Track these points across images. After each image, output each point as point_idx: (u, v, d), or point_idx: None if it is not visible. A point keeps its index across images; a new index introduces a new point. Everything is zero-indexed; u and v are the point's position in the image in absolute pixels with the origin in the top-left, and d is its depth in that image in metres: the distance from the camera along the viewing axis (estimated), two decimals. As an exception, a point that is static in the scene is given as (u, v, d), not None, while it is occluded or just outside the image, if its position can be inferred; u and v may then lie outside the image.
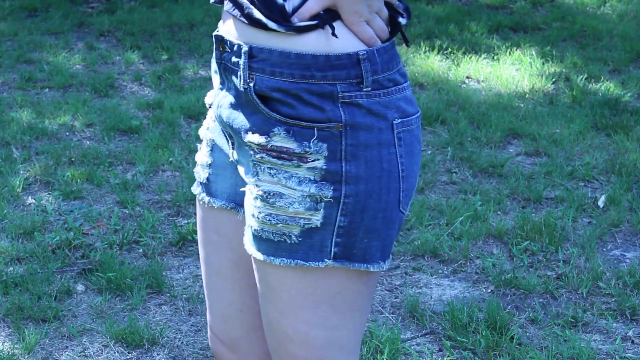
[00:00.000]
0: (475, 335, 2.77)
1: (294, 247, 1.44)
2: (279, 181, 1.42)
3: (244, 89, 1.41)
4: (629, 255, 3.28)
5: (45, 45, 5.83)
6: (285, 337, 1.51)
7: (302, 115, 1.39)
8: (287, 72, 1.38)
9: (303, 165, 1.40)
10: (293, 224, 1.42)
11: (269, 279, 1.48)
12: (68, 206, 3.63)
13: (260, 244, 1.46)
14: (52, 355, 2.72)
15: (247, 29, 1.40)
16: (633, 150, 4.13)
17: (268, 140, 1.41)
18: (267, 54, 1.38)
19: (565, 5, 6.86)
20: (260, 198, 1.43)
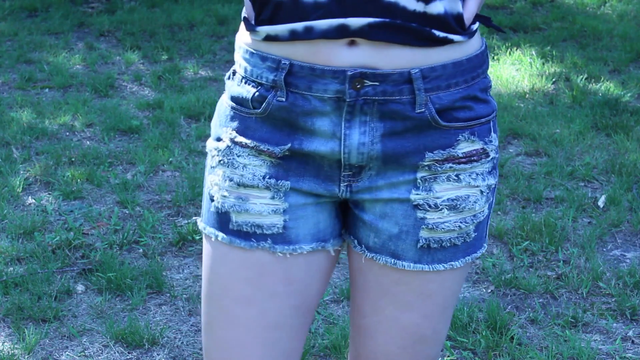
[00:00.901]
0: (475, 335, 2.77)
1: (470, 243, 1.47)
2: (466, 185, 1.43)
3: (420, 113, 1.36)
4: (629, 255, 3.28)
5: (45, 45, 5.83)
6: (422, 339, 1.53)
7: (479, 113, 1.41)
8: (462, 79, 1.38)
9: (485, 161, 1.44)
10: (475, 220, 1.46)
11: (427, 287, 1.48)
12: (68, 206, 3.63)
13: (431, 255, 1.45)
14: (52, 355, 2.72)
15: (415, 52, 1.33)
16: (633, 150, 4.13)
17: (455, 151, 1.40)
18: (441, 70, 1.35)
19: (565, 5, 6.86)
20: (446, 208, 1.42)
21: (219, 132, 1.46)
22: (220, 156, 1.44)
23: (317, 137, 1.38)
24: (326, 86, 1.34)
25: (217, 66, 5.60)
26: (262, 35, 1.37)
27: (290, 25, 1.33)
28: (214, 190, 1.46)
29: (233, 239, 1.45)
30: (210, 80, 5.31)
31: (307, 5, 1.31)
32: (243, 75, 1.41)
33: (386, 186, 1.42)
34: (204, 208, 1.50)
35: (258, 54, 1.38)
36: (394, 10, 1.30)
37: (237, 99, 1.42)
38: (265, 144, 1.41)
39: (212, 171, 1.47)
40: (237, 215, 1.44)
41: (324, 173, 1.42)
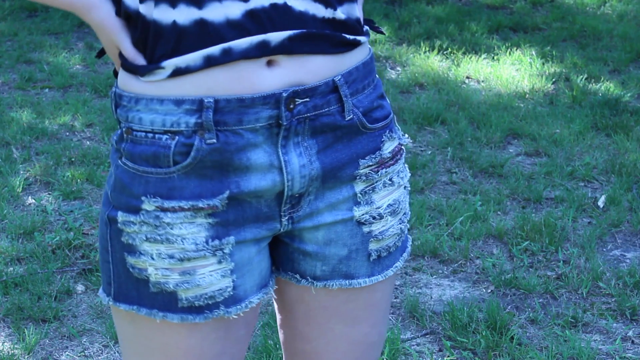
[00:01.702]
0: (475, 335, 2.77)
1: (404, 240, 1.47)
2: (398, 186, 1.42)
3: (349, 120, 1.32)
4: (629, 255, 3.28)
5: (45, 45, 5.83)
6: (370, 346, 1.52)
7: (388, 110, 1.40)
8: (370, 79, 1.36)
9: (403, 156, 1.43)
10: (406, 218, 1.46)
11: (374, 296, 1.46)
12: (68, 206, 3.63)
13: (380, 264, 1.43)
14: (52, 355, 2.72)
15: (333, 59, 1.30)
16: (633, 150, 4.13)
17: (383, 152, 1.38)
18: (355, 73, 1.33)
19: (565, 5, 6.86)
20: (389, 214, 1.40)
21: (130, 202, 1.29)
22: (145, 232, 1.28)
23: (253, 174, 1.28)
24: (257, 115, 1.25)
25: (217, 66, 5.59)
26: (168, 71, 1.23)
27: (203, 52, 1.21)
28: (149, 270, 1.30)
29: (185, 317, 1.32)
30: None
31: (219, 27, 1.21)
32: (148, 130, 1.25)
33: (327, 209, 1.35)
34: (123, 285, 1.34)
35: (169, 100, 1.23)
36: (306, 20, 1.25)
37: (148, 159, 1.26)
38: (202, 200, 1.27)
39: (131, 248, 1.30)
40: (185, 292, 1.30)
41: (264, 214, 1.32)
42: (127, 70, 1.27)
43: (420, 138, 4.36)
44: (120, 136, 1.30)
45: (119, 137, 1.30)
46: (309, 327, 1.47)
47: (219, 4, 1.21)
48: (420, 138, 4.36)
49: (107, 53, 1.31)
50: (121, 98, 1.28)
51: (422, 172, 3.93)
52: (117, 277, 1.34)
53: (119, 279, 1.34)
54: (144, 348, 1.38)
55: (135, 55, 1.25)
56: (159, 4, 1.21)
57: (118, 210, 1.30)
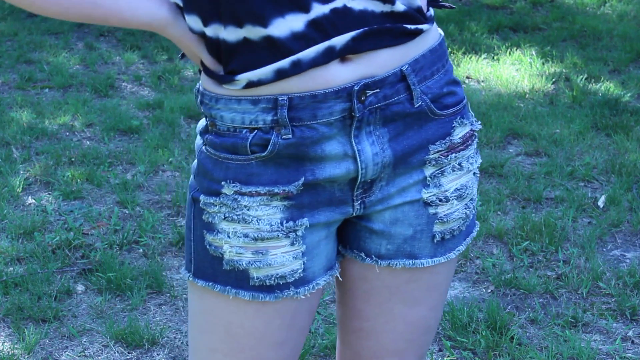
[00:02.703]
0: (475, 335, 2.77)
1: (469, 225, 1.51)
2: (466, 171, 1.46)
3: (418, 106, 1.36)
4: (629, 255, 3.28)
5: (45, 45, 5.83)
6: (427, 330, 1.55)
7: (461, 96, 1.44)
8: (440, 64, 1.40)
9: (475, 142, 1.47)
10: (473, 203, 1.50)
11: (435, 278, 1.50)
12: (68, 206, 3.63)
13: (444, 246, 1.47)
14: (52, 355, 2.72)
15: (399, 50, 1.34)
16: (633, 150, 4.13)
17: (453, 137, 1.42)
18: (422, 60, 1.36)
19: (565, 5, 6.86)
20: (456, 198, 1.44)
21: (211, 186, 1.37)
22: (224, 212, 1.36)
23: (328, 163, 1.35)
24: (331, 109, 1.31)
25: (217, 66, 5.59)
26: (242, 83, 1.31)
27: (274, 66, 1.28)
28: (224, 248, 1.37)
29: (256, 295, 1.39)
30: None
31: (285, 41, 1.27)
32: (230, 126, 1.34)
33: (397, 192, 1.41)
34: (201, 262, 1.41)
35: (246, 99, 1.32)
36: (367, 18, 1.30)
37: (228, 148, 1.35)
38: (278, 186, 1.34)
39: (210, 227, 1.38)
40: (257, 271, 1.37)
41: (337, 198, 1.38)
42: (209, 75, 1.35)
43: (420, 138, 4.36)
44: (205, 128, 1.39)
45: (204, 128, 1.39)
46: (369, 305, 1.52)
47: (282, 19, 1.26)
48: (420, 138, 4.36)
49: (189, 57, 1.40)
50: (203, 96, 1.37)
51: (422, 172, 3.93)
52: (196, 254, 1.42)
53: (198, 256, 1.41)
54: (208, 325, 1.44)
55: (215, 66, 1.34)
56: (228, 26, 1.28)
57: (201, 193, 1.39)
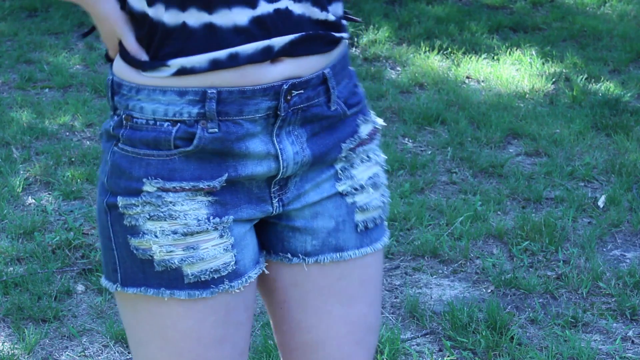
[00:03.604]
0: (475, 335, 2.77)
1: (384, 218, 1.52)
2: (374, 162, 1.49)
3: (334, 110, 1.39)
4: (629, 255, 3.28)
5: (45, 45, 5.83)
6: (370, 329, 1.54)
7: (362, 96, 1.48)
8: (348, 70, 1.44)
9: (378, 137, 1.52)
10: (386, 193, 1.52)
11: (366, 272, 1.50)
12: (68, 206, 3.63)
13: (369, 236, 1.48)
14: (52, 355, 2.72)
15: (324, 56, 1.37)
16: (633, 150, 4.13)
17: (360, 134, 1.45)
18: (338, 65, 1.40)
19: (565, 5, 6.86)
20: (370, 186, 1.46)
21: (130, 186, 1.33)
22: (148, 212, 1.32)
23: (250, 160, 1.34)
24: (257, 106, 1.31)
25: (217, 66, 5.59)
26: (173, 69, 1.28)
27: (210, 55, 1.26)
28: (153, 249, 1.33)
29: (192, 292, 1.35)
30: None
31: (226, 32, 1.26)
32: (150, 118, 1.30)
33: (312, 188, 1.43)
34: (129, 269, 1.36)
35: (172, 90, 1.28)
36: (304, 23, 1.32)
37: (148, 143, 1.31)
38: (202, 181, 1.32)
39: (134, 230, 1.34)
40: (191, 267, 1.34)
41: (255, 195, 1.38)
42: (129, 62, 1.31)
43: (420, 138, 4.36)
44: (119, 122, 1.33)
45: (117, 123, 1.33)
46: (306, 314, 1.49)
47: (228, 10, 1.26)
48: (420, 138, 4.36)
49: (104, 40, 1.34)
50: (120, 87, 1.32)
51: (422, 172, 3.93)
52: (122, 262, 1.37)
53: (124, 264, 1.37)
54: (144, 334, 1.40)
55: (138, 51, 1.30)
56: (170, 8, 1.26)
57: (117, 196, 1.34)
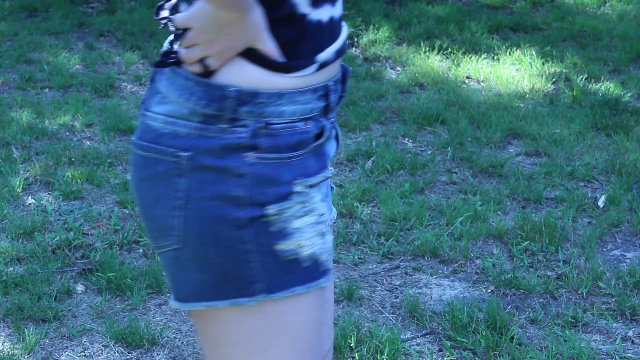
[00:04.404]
0: (475, 335, 2.77)
1: None
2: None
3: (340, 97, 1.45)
4: (629, 255, 3.28)
5: (45, 45, 5.83)
6: None
7: None
8: None
9: None
10: None
11: None
12: (68, 206, 3.63)
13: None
14: (52, 355, 2.72)
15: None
16: (633, 150, 4.13)
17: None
18: None
19: (565, 5, 6.86)
20: None
21: (280, 191, 1.32)
22: (297, 211, 1.34)
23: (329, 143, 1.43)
24: (337, 94, 1.40)
25: (217, 66, 5.59)
26: (316, 65, 1.32)
27: (335, 46, 1.36)
28: (301, 245, 1.34)
29: (326, 278, 1.39)
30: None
31: (337, 23, 1.38)
32: (287, 121, 1.31)
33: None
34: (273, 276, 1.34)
35: (308, 90, 1.32)
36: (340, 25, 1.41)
37: (292, 146, 1.32)
38: (326, 171, 1.39)
39: (282, 233, 1.33)
40: (323, 255, 1.38)
41: None
42: (270, 68, 1.29)
43: (420, 138, 4.36)
44: (254, 133, 1.29)
45: (252, 133, 1.29)
46: None
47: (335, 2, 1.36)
48: (420, 138, 4.36)
49: (222, 52, 1.28)
50: (255, 96, 1.29)
51: (422, 172, 3.93)
52: (266, 271, 1.33)
53: (269, 272, 1.34)
54: (270, 339, 1.38)
55: (279, 55, 1.29)
56: (320, 6, 1.31)
57: (267, 205, 1.31)
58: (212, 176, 1.30)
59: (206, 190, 1.30)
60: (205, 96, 1.29)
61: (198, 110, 1.30)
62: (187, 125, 1.30)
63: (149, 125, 1.34)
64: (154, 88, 1.37)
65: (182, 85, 1.31)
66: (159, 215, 1.35)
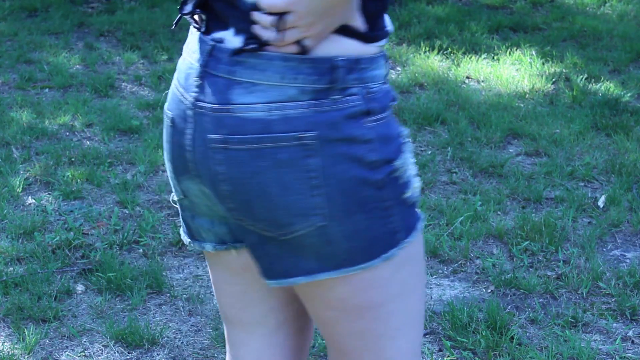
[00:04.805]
0: (475, 335, 2.77)
1: None
2: None
3: None
4: (629, 255, 3.28)
5: (45, 45, 5.83)
6: None
7: None
8: None
9: None
10: None
11: None
12: (68, 206, 3.63)
13: None
14: (52, 355, 2.72)
15: None
16: (633, 150, 4.13)
17: None
18: None
19: (565, 5, 6.86)
20: None
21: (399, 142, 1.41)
22: (409, 159, 1.44)
23: None
24: None
25: (217, 66, 5.59)
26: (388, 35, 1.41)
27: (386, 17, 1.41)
28: (416, 187, 1.45)
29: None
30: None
31: None
32: (380, 84, 1.38)
33: None
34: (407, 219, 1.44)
35: (381, 56, 1.39)
36: None
37: (388, 105, 1.40)
38: None
39: (407, 181, 1.42)
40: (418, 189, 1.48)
41: None
42: (363, 39, 1.34)
43: (420, 138, 4.36)
44: (364, 98, 1.34)
45: (363, 99, 1.34)
46: None
47: None
48: (420, 138, 4.36)
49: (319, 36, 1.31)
50: (359, 62, 1.33)
51: (422, 172, 3.93)
52: (402, 220, 1.42)
53: (404, 219, 1.42)
54: (417, 277, 1.50)
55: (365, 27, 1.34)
56: None
57: (394, 161, 1.38)
58: (344, 148, 1.33)
59: (342, 163, 1.33)
60: (314, 72, 1.31)
61: (308, 87, 1.31)
62: (297, 106, 1.31)
63: (244, 118, 1.32)
64: (224, 82, 1.33)
65: (282, 67, 1.30)
66: (293, 200, 1.34)
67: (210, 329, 2.83)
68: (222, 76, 1.33)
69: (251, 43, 1.30)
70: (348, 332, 1.48)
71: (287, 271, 1.42)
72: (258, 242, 1.42)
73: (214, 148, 1.35)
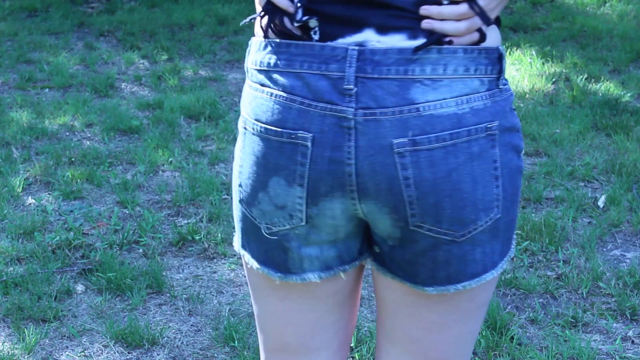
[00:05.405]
0: (475, 335, 2.77)
1: None
2: None
3: None
4: (629, 255, 3.28)
5: (45, 45, 5.83)
6: None
7: None
8: None
9: None
10: None
11: None
12: (68, 206, 3.63)
13: None
14: (52, 355, 2.72)
15: None
16: (633, 150, 4.13)
17: None
18: None
19: (565, 5, 6.87)
20: None
21: None
22: None
23: None
24: None
25: (217, 66, 5.59)
26: None
27: None
28: None
29: None
30: (210, 80, 5.31)
31: None
32: None
33: None
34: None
35: None
36: None
37: None
38: None
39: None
40: None
41: None
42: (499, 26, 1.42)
43: (420, 138, 4.37)
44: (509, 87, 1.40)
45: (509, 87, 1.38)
46: None
47: None
48: (420, 138, 4.37)
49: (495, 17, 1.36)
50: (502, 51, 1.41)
51: (422, 172, 3.93)
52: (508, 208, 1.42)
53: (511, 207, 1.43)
54: None
55: None
56: None
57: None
58: (511, 137, 1.33)
59: (510, 151, 1.34)
60: (489, 62, 1.32)
61: (485, 78, 1.30)
62: (480, 97, 1.29)
63: (434, 116, 1.27)
64: (397, 83, 1.26)
65: (465, 60, 1.29)
66: (481, 194, 1.31)
67: (210, 329, 2.83)
68: (392, 77, 1.26)
69: (432, 39, 1.26)
70: (456, 334, 1.44)
71: (452, 277, 1.36)
72: (429, 248, 1.34)
73: (399, 153, 1.28)
